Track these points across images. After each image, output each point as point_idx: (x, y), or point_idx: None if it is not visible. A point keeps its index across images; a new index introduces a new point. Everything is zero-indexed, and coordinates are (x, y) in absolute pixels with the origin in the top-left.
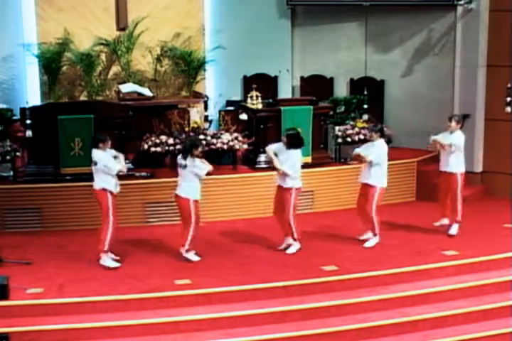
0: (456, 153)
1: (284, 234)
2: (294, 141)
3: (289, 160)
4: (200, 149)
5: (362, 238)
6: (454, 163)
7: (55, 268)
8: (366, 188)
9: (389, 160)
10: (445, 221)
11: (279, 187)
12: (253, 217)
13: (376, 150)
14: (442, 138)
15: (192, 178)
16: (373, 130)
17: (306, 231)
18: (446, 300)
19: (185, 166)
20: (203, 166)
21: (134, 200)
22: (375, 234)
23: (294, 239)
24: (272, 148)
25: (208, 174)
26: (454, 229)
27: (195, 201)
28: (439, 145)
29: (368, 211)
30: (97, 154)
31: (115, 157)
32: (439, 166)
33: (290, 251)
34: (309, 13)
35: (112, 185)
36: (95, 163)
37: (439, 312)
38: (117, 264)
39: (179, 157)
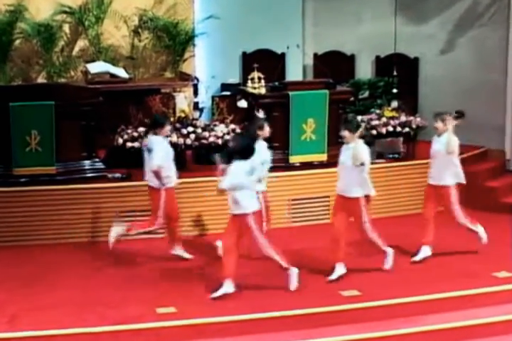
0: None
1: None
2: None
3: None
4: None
5: (415, 259)
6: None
7: (5, 294)
8: None
9: (424, 157)
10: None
11: None
12: None
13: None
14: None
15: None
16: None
17: (320, 246)
18: (502, 333)
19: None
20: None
21: (106, 208)
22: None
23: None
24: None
25: None
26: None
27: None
28: None
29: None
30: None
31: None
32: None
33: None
34: None
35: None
36: (149, 150)
37: None
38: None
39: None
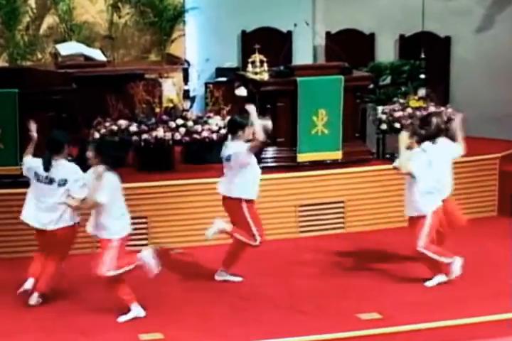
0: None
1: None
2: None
3: None
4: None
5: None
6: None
7: None
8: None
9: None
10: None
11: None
12: None
13: None
14: None
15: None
16: None
17: (333, 260)
18: None
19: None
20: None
21: (81, 215)
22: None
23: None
24: None
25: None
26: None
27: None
28: None
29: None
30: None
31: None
32: None
33: None
34: None
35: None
36: (63, 182)
37: None
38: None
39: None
